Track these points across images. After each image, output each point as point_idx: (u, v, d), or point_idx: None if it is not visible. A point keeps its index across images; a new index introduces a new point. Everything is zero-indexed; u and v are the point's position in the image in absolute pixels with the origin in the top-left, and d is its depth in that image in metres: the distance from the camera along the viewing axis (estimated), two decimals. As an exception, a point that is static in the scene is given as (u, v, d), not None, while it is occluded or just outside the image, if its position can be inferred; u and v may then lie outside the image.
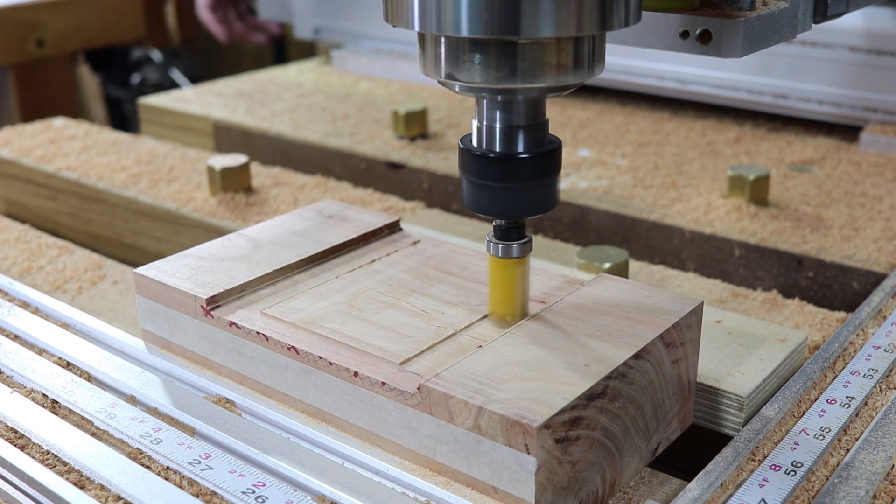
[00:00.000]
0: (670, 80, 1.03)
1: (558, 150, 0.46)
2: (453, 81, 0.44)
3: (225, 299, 0.53)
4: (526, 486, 0.41)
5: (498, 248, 0.48)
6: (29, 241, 0.74)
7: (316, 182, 0.85)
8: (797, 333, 0.56)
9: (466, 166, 0.46)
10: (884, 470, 0.45)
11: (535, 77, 0.42)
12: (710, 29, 0.48)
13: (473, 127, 0.46)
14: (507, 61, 0.42)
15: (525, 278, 0.49)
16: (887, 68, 0.91)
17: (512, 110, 0.45)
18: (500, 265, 0.49)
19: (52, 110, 1.34)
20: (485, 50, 0.42)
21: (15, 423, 0.49)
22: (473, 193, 0.47)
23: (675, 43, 0.49)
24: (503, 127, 0.45)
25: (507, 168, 0.45)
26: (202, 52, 2.53)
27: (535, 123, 0.45)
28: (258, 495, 0.43)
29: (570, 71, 0.43)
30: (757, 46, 0.49)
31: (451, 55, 0.43)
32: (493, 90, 0.44)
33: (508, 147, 0.45)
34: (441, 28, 0.41)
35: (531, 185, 0.46)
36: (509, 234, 0.48)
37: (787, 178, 0.85)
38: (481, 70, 0.42)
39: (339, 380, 0.47)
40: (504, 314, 0.50)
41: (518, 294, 0.49)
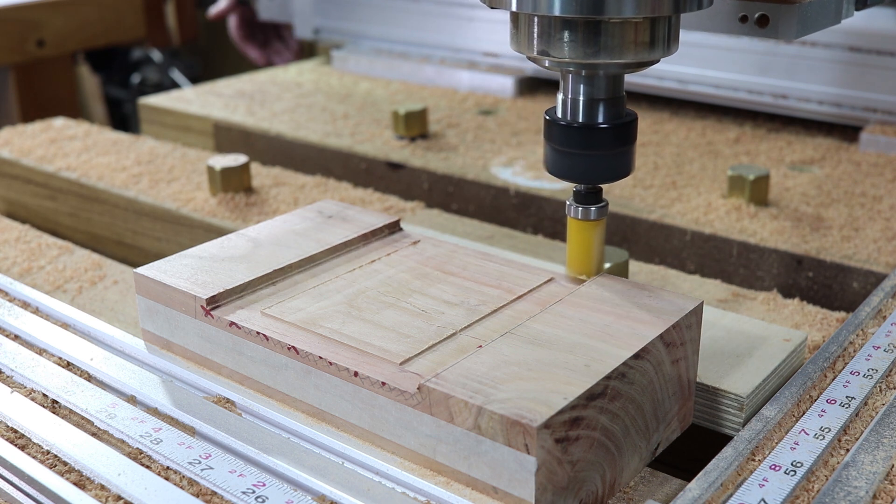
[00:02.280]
0: (670, 80, 1.03)
1: (635, 122, 0.51)
2: (544, 57, 0.48)
3: (225, 299, 0.53)
4: (526, 485, 0.41)
5: (578, 211, 0.52)
6: (29, 241, 0.74)
7: (316, 182, 0.85)
8: (797, 333, 0.56)
9: (552, 135, 0.51)
10: (884, 470, 0.45)
11: (616, 53, 0.47)
12: (767, 13, 0.53)
13: (558, 100, 0.51)
14: (593, 39, 0.47)
15: (601, 239, 0.54)
16: (887, 68, 0.91)
17: (594, 84, 0.50)
18: (580, 227, 0.53)
19: (52, 110, 1.34)
20: (573, 28, 0.47)
21: (15, 423, 0.49)
22: (557, 160, 0.51)
23: (734, 27, 0.54)
24: (586, 99, 0.50)
25: (589, 137, 0.50)
26: (202, 53, 2.53)
27: (615, 97, 0.50)
28: (258, 495, 0.43)
29: (647, 48, 0.48)
30: (809, 30, 0.53)
31: (543, 33, 0.48)
32: (578, 65, 0.48)
33: (590, 118, 0.50)
34: (536, 8, 0.46)
35: (610, 153, 0.50)
36: (588, 198, 0.52)
37: (786, 178, 0.85)
38: (570, 47, 0.47)
39: (339, 380, 0.47)
40: (580, 272, 0.54)
41: (595, 253, 0.54)
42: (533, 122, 1.03)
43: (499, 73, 1.13)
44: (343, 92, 1.16)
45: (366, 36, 1.27)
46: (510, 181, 0.84)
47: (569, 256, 0.54)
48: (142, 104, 1.15)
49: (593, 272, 0.54)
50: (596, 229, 0.53)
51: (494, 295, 0.52)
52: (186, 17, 1.77)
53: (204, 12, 2.46)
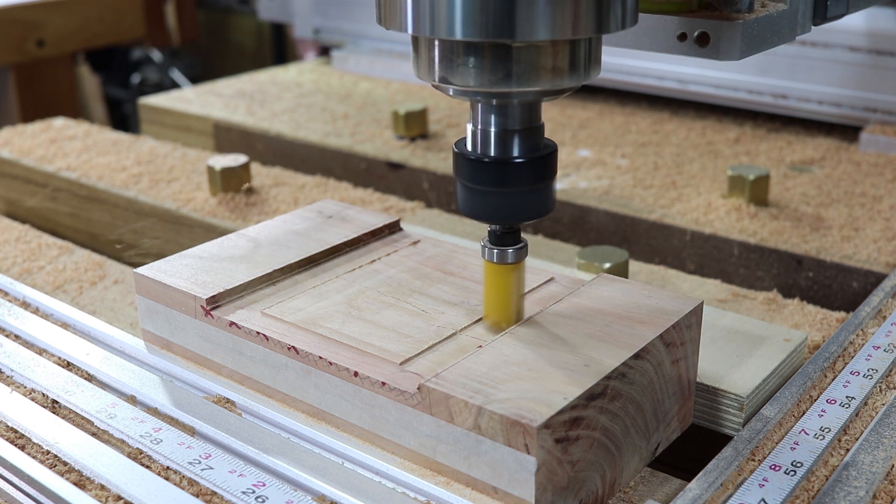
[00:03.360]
0: (670, 80, 1.03)
1: (554, 154, 0.46)
2: (447, 85, 0.43)
3: (225, 299, 0.53)
4: (526, 485, 0.41)
5: (493, 254, 0.47)
6: (29, 241, 0.74)
7: (316, 182, 0.85)
8: (797, 333, 0.56)
9: (461, 171, 0.46)
10: (883, 470, 0.45)
11: (530, 80, 0.42)
12: (707, 31, 0.47)
13: (468, 131, 0.46)
14: (501, 65, 0.41)
15: (520, 284, 0.49)
16: (887, 68, 0.91)
17: (507, 114, 0.44)
18: (495, 270, 0.48)
19: (52, 110, 1.34)
20: (479, 53, 0.42)
21: (15, 423, 0.49)
22: (468, 198, 0.46)
23: (672, 45, 0.49)
24: (498, 131, 0.45)
25: (502, 172, 0.45)
26: (202, 53, 2.53)
27: (531, 127, 0.45)
28: (258, 495, 0.43)
29: (565, 74, 0.43)
30: (756, 49, 0.48)
31: (445, 58, 0.43)
32: (487, 94, 0.43)
33: (503, 151, 0.45)
34: (435, 31, 0.40)
35: (526, 189, 0.45)
36: (504, 239, 0.47)
37: (786, 178, 0.85)
38: (475, 74, 0.42)
39: (339, 380, 0.47)
40: (499, 320, 0.49)
41: (513, 300, 0.48)
42: (533, 122, 1.02)
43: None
44: (343, 92, 1.16)
45: (366, 36, 1.27)
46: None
47: (485, 303, 0.49)
48: (142, 104, 1.15)
49: (513, 320, 0.48)
50: (514, 273, 0.48)
51: (494, 295, 0.52)
52: (186, 17, 1.77)
53: (203, 11, 2.47)
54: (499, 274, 0.48)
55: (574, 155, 0.92)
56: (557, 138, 0.97)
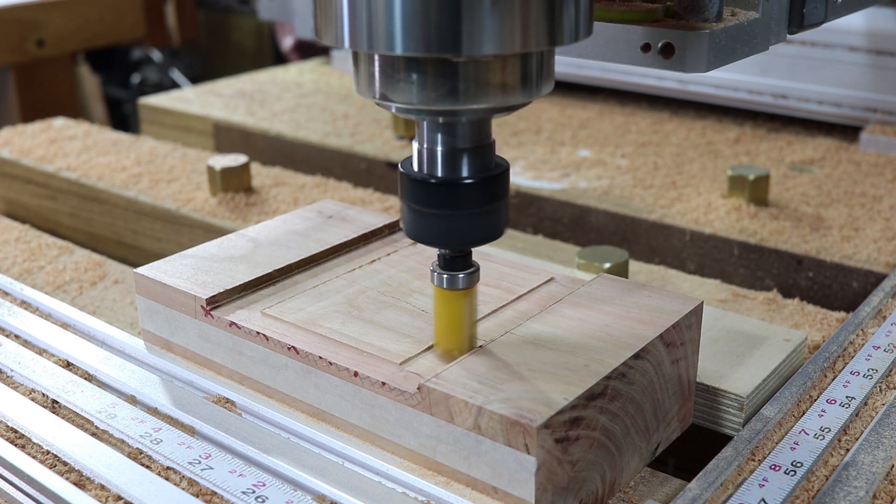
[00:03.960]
0: (670, 80, 1.03)
1: (505, 174, 0.43)
2: (389, 102, 0.40)
3: (225, 299, 0.53)
4: (526, 486, 0.41)
5: (443, 279, 0.45)
6: (29, 241, 0.74)
7: (316, 182, 0.85)
8: (797, 333, 0.56)
9: (406, 192, 0.43)
10: (883, 470, 0.45)
11: (478, 98, 0.39)
12: (672, 42, 0.45)
13: (413, 149, 0.43)
14: (446, 81, 0.39)
15: (472, 310, 0.46)
16: (887, 68, 0.91)
17: (455, 132, 0.41)
18: (446, 297, 0.45)
19: (52, 110, 1.34)
20: (422, 69, 0.39)
21: (15, 422, 0.49)
22: (414, 221, 0.43)
23: (636, 57, 0.46)
24: (445, 150, 0.42)
25: (451, 194, 0.42)
26: (202, 52, 2.53)
27: (481, 146, 0.42)
28: (258, 495, 0.43)
29: (516, 90, 0.40)
30: (724, 60, 0.46)
31: (385, 74, 0.40)
32: (432, 112, 0.40)
33: (451, 171, 0.42)
34: (373, 45, 0.37)
35: (476, 211, 0.42)
36: (455, 263, 0.44)
37: (786, 178, 0.85)
38: (418, 91, 0.39)
39: (339, 380, 0.47)
40: (450, 348, 0.46)
41: (465, 327, 0.46)
42: (533, 122, 1.03)
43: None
44: (343, 92, 1.16)
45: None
46: (510, 181, 0.84)
47: (435, 331, 0.47)
48: (142, 104, 1.15)
49: (466, 347, 0.46)
50: (465, 299, 0.45)
51: (494, 295, 0.52)
52: (186, 17, 1.77)
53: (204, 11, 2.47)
54: (449, 300, 0.45)
55: (574, 155, 0.92)
56: (557, 138, 0.97)
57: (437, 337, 0.47)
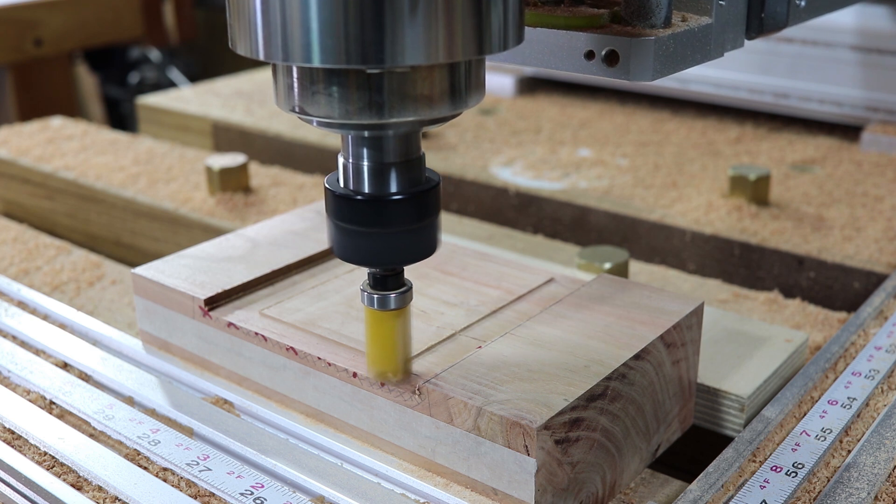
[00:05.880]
0: (670, 79, 1.02)
1: (437, 189, 0.41)
2: (309, 116, 0.38)
3: (223, 300, 0.52)
4: (526, 487, 0.41)
5: (373, 300, 0.43)
6: (27, 241, 0.74)
7: (315, 182, 0.85)
8: (798, 334, 0.56)
9: (331, 209, 0.41)
10: (885, 471, 0.45)
11: (402, 111, 0.37)
12: (616, 49, 0.42)
13: (339, 164, 0.41)
14: (368, 94, 0.37)
15: (406, 330, 0.44)
16: (889, 68, 0.90)
17: (381, 146, 0.40)
18: (377, 317, 0.43)
19: (49, 110, 1.34)
20: (341, 81, 0.37)
21: (12, 424, 0.49)
22: (341, 240, 0.41)
23: (580, 65, 0.43)
24: (372, 165, 0.40)
25: (379, 210, 0.40)
26: (201, 52, 2.52)
27: (409, 160, 0.40)
28: (256, 496, 0.42)
29: (443, 101, 0.38)
30: (673, 68, 0.43)
31: (303, 87, 0.38)
32: (354, 126, 0.39)
33: (379, 187, 0.40)
34: (289, 57, 0.35)
35: (406, 229, 0.41)
36: (385, 283, 0.42)
37: (788, 177, 0.85)
38: (339, 104, 0.37)
39: (338, 380, 0.47)
40: (385, 370, 0.44)
41: (399, 348, 0.44)
42: (532, 121, 1.02)
43: (498, 73, 1.13)
44: (342, 91, 1.16)
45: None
46: (510, 181, 0.84)
47: (368, 353, 0.45)
48: (140, 104, 1.15)
49: (399, 369, 0.44)
50: (398, 320, 0.43)
51: (494, 295, 0.52)
52: (184, 16, 1.76)
53: (202, 11, 2.46)
54: (380, 321, 0.43)
55: (574, 155, 0.91)
56: (557, 138, 0.96)
57: (369, 359, 0.45)
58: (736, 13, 0.48)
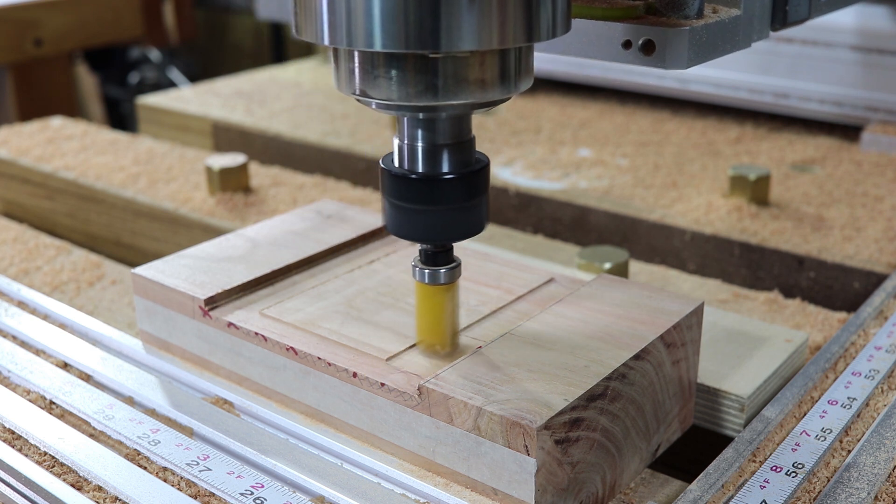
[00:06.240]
0: (670, 79, 1.02)
1: (486, 170, 0.44)
2: (368, 99, 0.41)
3: (223, 300, 0.52)
4: (526, 487, 0.41)
5: (424, 274, 0.45)
6: (27, 241, 0.74)
7: (315, 182, 0.85)
8: (798, 334, 0.56)
9: (387, 188, 0.44)
10: (885, 471, 0.45)
11: (456, 93, 0.40)
12: (653, 39, 0.45)
13: (394, 146, 0.44)
14: (425, 77, 0.39)
15: (455, 305, 0.46)
16: (889, 68, 0.90)
17: (435, 128, 0.42)
18: (428, 292, 0.46)
19: (49, 110, 1.34)
20: (400, 65, 0.39)
21: (12, 423, 0.49)
22: (396, 217, 0.44)
23: (617, 53, 0.46)
24: (426, 146, 0.42)
25: (432, 189, 0.43)
26: (201, 52, 2.52)
27: (461, 142, 0.43)
28: (256, 496, 0.42)
29: (495, 86, 0.40)
30: (705, 57, 0.46)
31: (364, 71, 0.40)
32: (411, 108, 0.41)
33: (432, 167, 0.43)
34: (352, 42, 0.38)
35: (457, 207, 0.43)
36: (436, 258, 0.45)
37: (788, 177, 0.85)
38: (398, 87, 0.39)
39: (338, 380, 0.47)
40: (433, 343, 0.47)
41: (447, 321, 0.46)
42: (532, 121, 1.02)
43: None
44: (342, 91, 1.16)
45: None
46: (510, 181, 0.84)
47: (418, 325, 0.47)
48: (140, 104, 1.15)
49: (448, 342, 0.47)
50: (447, 294, 0.46)
51: (494, 295, 0.52)
52: (184, 16, 1.76)
53: (202, 11, 2.46)
54: (431, 295, 0.46)
55: (574, 155, 0.91)
56: (557, 138, 0.96)
57: (419, 332, 0.47)
58: (762, 6, 0.50)
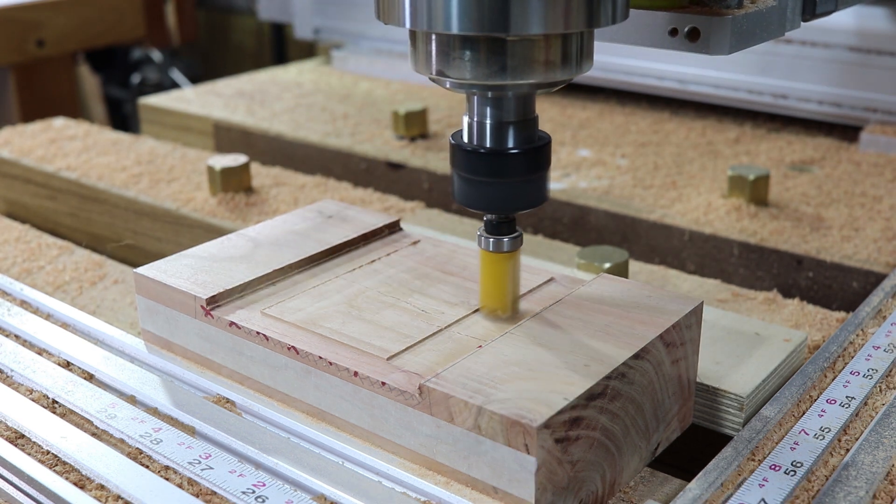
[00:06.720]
0: (670, 80, 1.03)
1: (548, 146, 0.47)
2: (444, 78, 0.45)
3: (225, 299, 0.53)
4: (526, 485, 0.41)
5: (489, 243, 0.49)
6: (29, 241, 0.74)
7: (316, 182, 0.85)
8: (797, 333, 0.56)
9: (457, 162, 0.47)
10: (883, 470, 0.45)
11: (524, 73, 0.43)
12: (698, 26, 0.49)
13: (464, 123, 0.47)
14: (496, 58, 0.43)
15: (516, 272, 0.50)
16: (887, 68, 0.90)
17: (502, 106, 0.46)
18: (491, 259, 0.49)
19: (52, 110, 1.34)
20: (475, 47, 0.43)
21: (15, 422, 0.49)
22: (464, 189, 0.47)
23: (663, 40, 0.50)
24: (493, 123, 0.46)
25: (498, 163, 0.46)
26: (202, 52, 2.53)
27: (525, 119, 0.46)
28: (258, 495, 0.43)
29: (558, 67, 0.44)
30: (745, 44, 0.49)
31: (441, 52, 0.44)
32: (483, 86, 0.45)
33: (499, 143, 0.46)
34: (432, 25, 0.42)
35: (521, 180, 0.47)
36: (500, 228, 0.48)
37: (787, 178, 0.85)
38: (471, 67, 0.43)
39: (339, 380, 0.47)
40: (495, 308, 0.50)
41: (509, 288, 0.50)
42: (533, 122, 1.02)
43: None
44: (343, 92, 1.16)
45: (366, 36, 1.27)
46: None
47: (482, 292, 0.51)
48: (142, 104, 1.15)
49: (509, 308, 0.50)
50: (510, 262, 0.49)
51: (494, 295, 0.52)
52: (186, 17, 1.77)
53: (203, 11, 2.47)
54: (494, 262, 0.49)
55: (574, 155, 0.92)
56: (557, 138, 0.96)
57: (482, 298, 0.51)
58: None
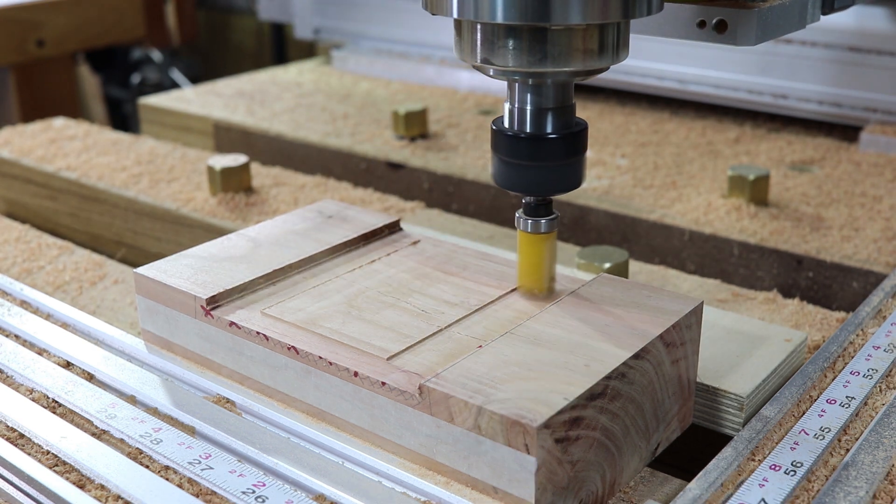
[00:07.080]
0: (670, 80, 1.03)
1: (585, 132, 0.50)
2: (488, 66, 0.47)
3: (225, 299, 0.53)
4: (526, 485, 0.41)
5: (527, 224, 0.51)
6: (29, 241, 0.74)
7: (316, 182, 0.85)
8: (797, 333, 0.56)
9: (499, 146, 0.50)
10: (884, 470, 0.45)
11: (563, 61, 0.46)
12: (725, 19, 0.51)
13: (505, 109, 0.50)
14: (538, 46, 0.45)
15: (552, 253, 0.52)
16: (887, 68, 0.90)
17: (542, 93, 0.48)
18: (529, 240, 0.51)
19: (52, 110, 1.34)
20: (518, 36, 0.45)
21: (15, 422, 0.49)
22: (505, 172, 0.50)
23: (692, 32, 0.53)
24: (533, 109, 0.49)
25: (537, 148, 0.49)
26: (202, 52, 2.53)
27: (564, 106, 0.49)
28: (258, 495, 0.43)
29: (596, 56, 0.46)
30: (769, 35, 0.52)
31: (486, 41, 0.46)
32: (524, 74, 0.47)
33: (538, 128, 0.49)
34: (478, 15, 0.44)
35: (559, 163, 0.49)
36: (538, 210, 0.51)
37: (787, 178, 0.85)
38: (514, 55, 0.46)
39: (339, 380, 0.47)
40: (532, 287, 0.52)
41: (545, 267, 0.52)
42: (533, 122, 1.02)
43: (499, 73, 1.13)
44: (343, 92, 1.16)
45: (366, 36, 1.27)
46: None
47: (519, 270, 0.53)
48: (142, 104, 1.15)
49: (545, 287, 0.52)
50: (546, 242, 0.51)
51: (494, 295, 0.52)
52: (186, 17, 1.77)
53: (203, 11, 2.47)
54: (532, 243, 0.51)
55: (574, 155, 0.92)
56: (557, 138, 0.96)
57: (520, 278, 0.52)
58: None
